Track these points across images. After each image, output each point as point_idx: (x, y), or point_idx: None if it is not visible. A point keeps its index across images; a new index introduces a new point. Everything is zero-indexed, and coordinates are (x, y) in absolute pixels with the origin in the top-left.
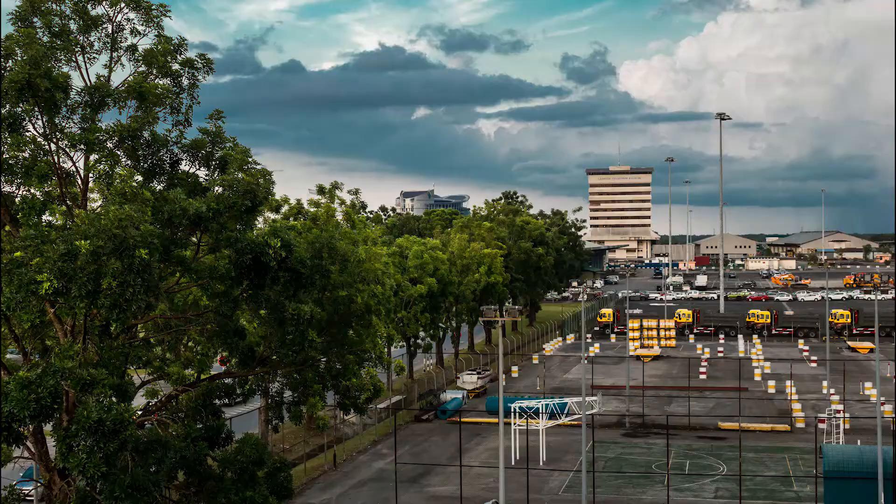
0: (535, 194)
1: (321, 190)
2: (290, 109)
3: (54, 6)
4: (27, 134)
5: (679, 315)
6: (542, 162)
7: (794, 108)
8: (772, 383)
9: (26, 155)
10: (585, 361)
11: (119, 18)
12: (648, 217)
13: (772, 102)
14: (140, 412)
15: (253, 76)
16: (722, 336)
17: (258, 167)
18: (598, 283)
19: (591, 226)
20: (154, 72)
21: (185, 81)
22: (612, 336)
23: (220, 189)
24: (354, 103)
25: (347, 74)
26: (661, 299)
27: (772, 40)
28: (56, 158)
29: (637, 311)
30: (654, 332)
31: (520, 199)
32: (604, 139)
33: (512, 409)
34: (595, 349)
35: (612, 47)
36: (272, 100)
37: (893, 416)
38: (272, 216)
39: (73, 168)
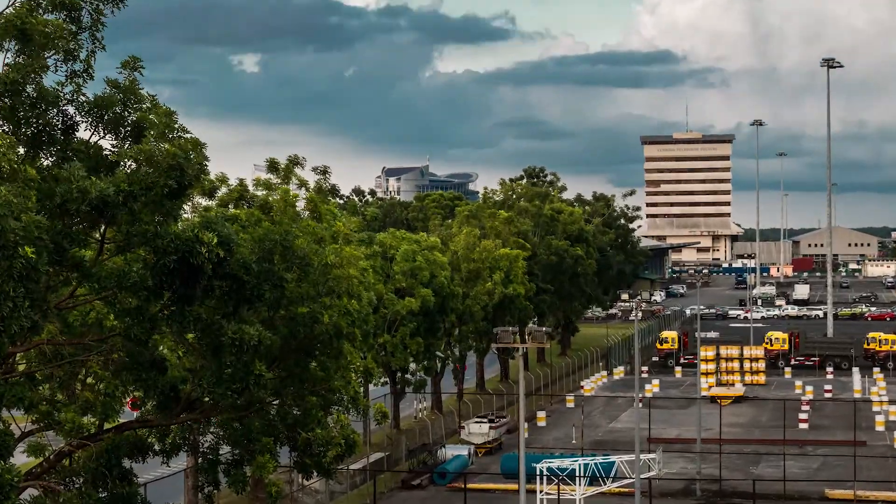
0: (569, 173)
1: (273, 166)
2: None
3: None
4: None
5: (771, 340)
6: (576, 128)
7: None
8: None
9: None
10: (640, 405)
11: None
12: (727, 204)
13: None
14: (24, 474)
15: None
16: (830, 369)
17: (188, 136)
18: (658, 296)
19: (648, 216)
20: (42, 3)
21: (87, 17)
22: (678, 370)
23: (134, 164)
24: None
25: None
26: (746, 318)
27: None
28: None
29: (712, 334)
30: (736, 364)
31: (549, 178)
32: (665, 100)
33: (538, 471)
34: (653, 388)
35: None
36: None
37: None
38: (204, 202)
39: None
